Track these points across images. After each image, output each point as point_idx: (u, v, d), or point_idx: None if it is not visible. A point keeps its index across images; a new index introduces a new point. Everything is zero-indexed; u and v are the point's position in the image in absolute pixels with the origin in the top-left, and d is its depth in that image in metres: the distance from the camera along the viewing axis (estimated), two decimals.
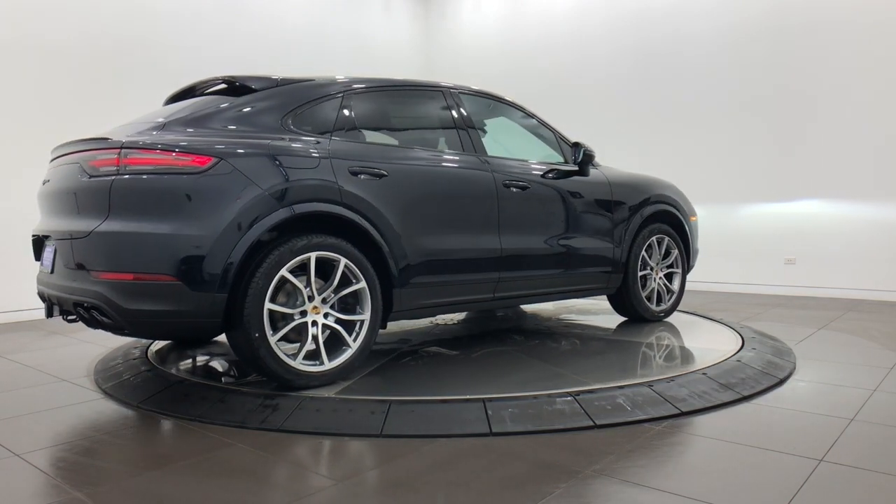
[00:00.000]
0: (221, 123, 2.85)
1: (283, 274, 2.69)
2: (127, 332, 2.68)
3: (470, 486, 1.98)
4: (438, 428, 2.43)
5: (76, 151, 2.79)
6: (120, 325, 2.61)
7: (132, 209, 2.56)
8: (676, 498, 1.85)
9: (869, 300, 5.96)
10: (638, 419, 2.52)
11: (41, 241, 3.12)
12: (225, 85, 3.14)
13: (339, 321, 2.88)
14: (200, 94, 3.22)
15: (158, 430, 2.59)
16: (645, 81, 7.35)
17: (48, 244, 3.01)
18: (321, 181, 2.83)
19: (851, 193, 6.14)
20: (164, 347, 3.80)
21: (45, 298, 3.03)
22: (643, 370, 3.15)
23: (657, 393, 2.71)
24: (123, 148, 2.59)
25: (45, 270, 3.05)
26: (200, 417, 2.61)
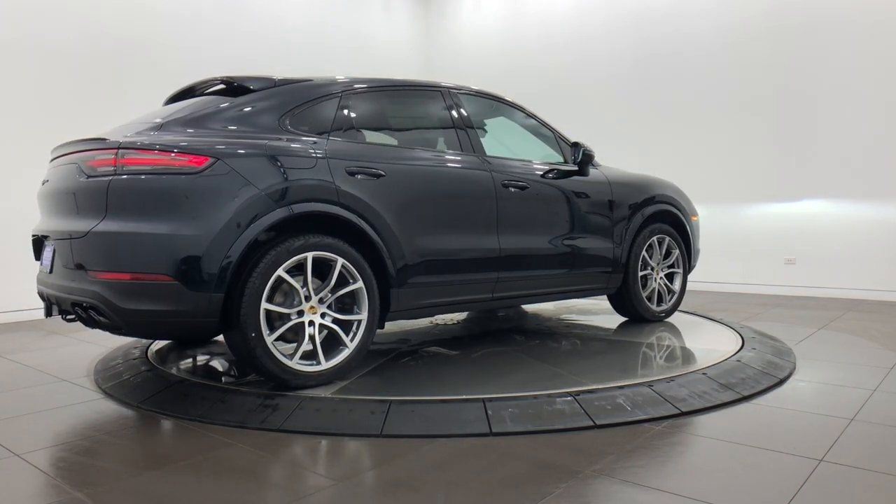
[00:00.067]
0: (219, 124, 2.85)
1: (279, 274, 2.69)
2: (124, 331, 2.68)
3: (470, 486, 1.98)
4: (438, 428, 2.43)
5: (74, 152, 2.80)
6: (117, 324, 2.61)
7: (129, 209, 2.57)
8: (676, 498, 1.85)
9: (869, 300, 5.96)
10: (638, 419, 2.52)
11: (41, 241, 3.12)
12: (223, 85, 3.14)
13: (336, 321, 2.88)
14: (200, 94, 3.22)
15: (158, 430, 2.59)
16: (645, 81, 7.35)
17: (47, 244, 3.01)
18: (318, 181, 2.83)
19: (851, 193, 6.14)
20: (164, 347, 3.80)
21: (44, 298, 3.03)
22: (643, 370, 3.15)
23: (657, 393, 2.71)
24: (120, 148, 2.59)
25: (44, 270, 3.05)
26: (200, 417, 2.61)
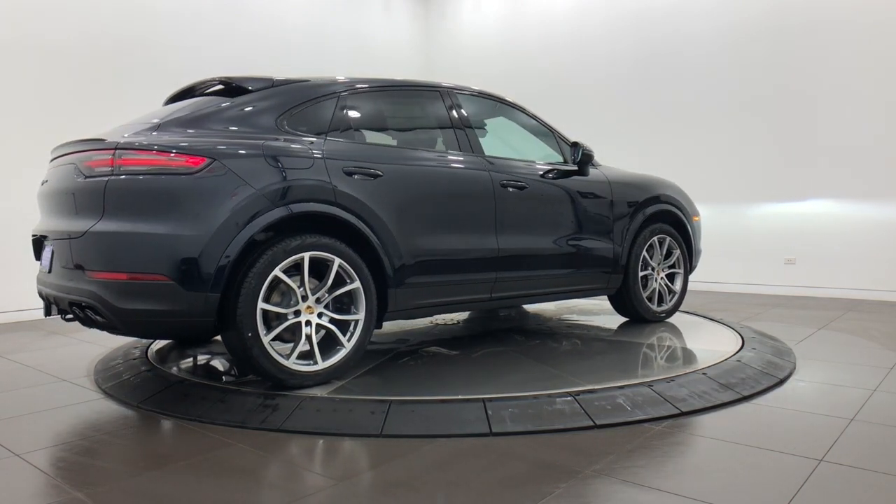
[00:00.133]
0: (217, 124, 2.85)
1: (276, 274, 2.70)
2: (120, 331, 2.68)
3: (470, 486, 1.98)
4: (438, 428, 2.43)
5: (73, 152, 2.81)
6: (113, 324, 2.62)
7: (126, 209, 2.57)
8: (676, 498, 1.85)
9: (869, 300, 5.96)
10: (638, 419, 2.52)
11: (41, 241, 3.13)
12: (222, 86, 3.14)
13: (333, 321, 2.88)
14: (199, 94, 3.22)
15: (158, 430, 2.59)
16: (645, 81, 7.34)
17: (46, 244, 3.02)
18: (315, 181, 2.83)
19: (851, 193, 6.14)
20: (164, 347, 3.80)
21: (43, 297, 3.04)
22: (643, 370, 3.15)
23: (657, 393, 2.71)
24: (117, 149, 2.60)
25: (43, 270, 3.06)
26: (200, 417, 2.61)
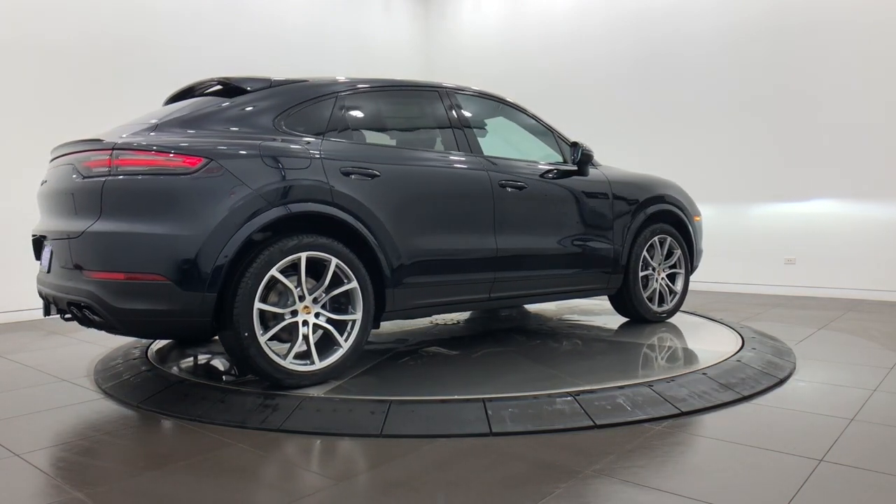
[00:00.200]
0: (214, 124, 2.86)
1: (273, 274, 2.70)
2: (118, 331, 2.69)
3: (470, 486, 1.98)
4: (438, 428, 2.43)
5: (72, 153, 2.82)
6: (111, 324, 2.62)
7: (123, 209, 2.58)
8: (676, 498, 1.85)
9: (869, 300, 5.96)
10: (638, 419, 2.52)
11: (40, 241, 3.13)
12: (220, 86, 3.14)
13: (330, 321, 2.88)
14: (199, 94, 3.22)
15: (158, 430, 2.59)
16: (645, 81, 7.34)
17: (46, 244, 3.02)
18: (312, 181, 2.84)
19: (851, 193, 6.14)
20: (164, 347, 3.80)
21: (43, 297, 3.05)
22: (643, 370, 3.15)
23: (657, 393, 2.71)
24: (115, 149, 2.61)
25: (43, 270, 3.07)
26: (200, 417, 2.61)
